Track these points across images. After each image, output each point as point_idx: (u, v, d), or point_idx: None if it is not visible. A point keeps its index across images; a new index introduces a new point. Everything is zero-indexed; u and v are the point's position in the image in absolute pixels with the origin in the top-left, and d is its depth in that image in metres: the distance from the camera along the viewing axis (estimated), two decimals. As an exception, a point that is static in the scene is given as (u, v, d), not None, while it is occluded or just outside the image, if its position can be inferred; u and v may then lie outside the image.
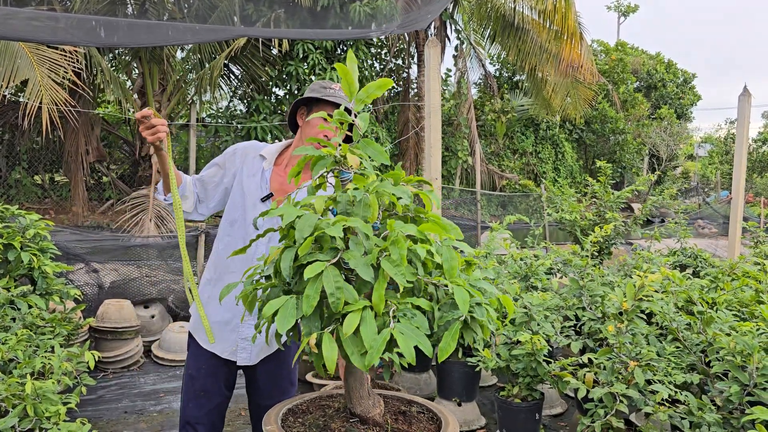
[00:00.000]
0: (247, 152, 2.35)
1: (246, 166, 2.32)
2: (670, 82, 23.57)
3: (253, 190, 2.28)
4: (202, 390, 2.34)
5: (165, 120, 2.07)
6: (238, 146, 2.39)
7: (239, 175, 2.32)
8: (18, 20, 5.06)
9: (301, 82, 11.94)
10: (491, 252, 5.15)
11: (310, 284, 1.39)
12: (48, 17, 5.87)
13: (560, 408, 4.35)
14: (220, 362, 2.33)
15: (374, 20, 9.97)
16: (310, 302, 1.38)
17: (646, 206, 6.54)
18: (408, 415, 1.76)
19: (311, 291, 1.38)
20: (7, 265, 3.75)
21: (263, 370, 2.37)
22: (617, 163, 19.67)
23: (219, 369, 2.33)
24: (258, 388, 2.41)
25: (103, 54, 11.14)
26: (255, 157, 2.34)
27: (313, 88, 2.31)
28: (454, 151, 15.49)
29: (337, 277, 1.38)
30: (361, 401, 1.66)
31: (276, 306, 1.41)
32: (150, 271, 5.85)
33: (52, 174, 13.16)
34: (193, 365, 2.36)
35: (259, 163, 2.33)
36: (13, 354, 2.87)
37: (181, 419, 2.39)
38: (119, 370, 4.97)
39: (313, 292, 1.38)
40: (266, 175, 2.29)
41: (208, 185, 2.35)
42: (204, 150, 14.00)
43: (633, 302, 3.13)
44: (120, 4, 10.63)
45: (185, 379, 2.40)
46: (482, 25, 14.72)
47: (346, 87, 1.56)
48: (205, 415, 2.35)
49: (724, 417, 2.62)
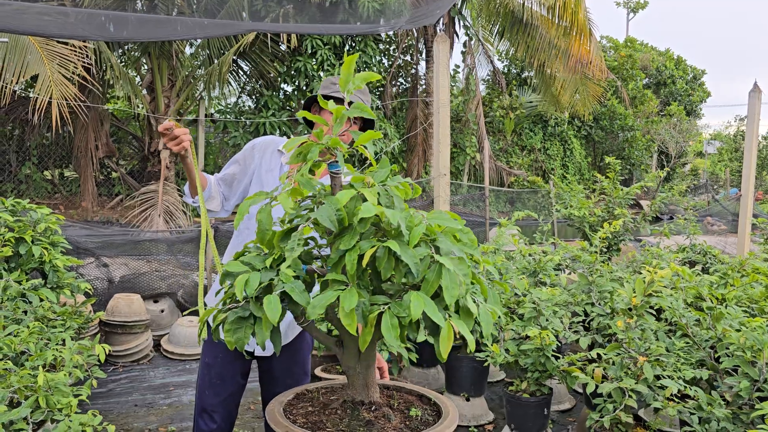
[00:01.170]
0: (266, 147, 2.38)
1: (264, 161, 2.35)
2: (679, 78, 23.40)
3: (271, 184, 2.30)
4: (219, 378, 2.38)
5: (187, 129, 2.11)
6: (256, 141, 2.42)
7: (258, 170, 2.35)
8: (29, 15, 5.10)
9: (309, 78, 11.94)
10: (500, 248, 5.14)
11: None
12: (58, 12, 5.91)
13: (568, 404, 4.35)
14: (237, 351, 2.34)
15: (383, 16, 9.95)
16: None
17: (655, 203, 6.51)
18: (409, 403, 1.77)
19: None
20: (19, 259, 3.78)
21: (279, 360, 2.39)
22: (626, 160, 19.56)
23: (236, 358, 2.37)
24: (273, 377, 2.44)
25: (113, 50, 11.19)
26: (273, 152, 2.37)
27: (324, 85, 2.35)
28: (462, 148, 15.45)
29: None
30: (358, 389, 1.67)
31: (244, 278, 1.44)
32: (159, 266, 5.88)
33: (62, 169, 13.23)
34: (209, 353, 2.40)
35: (278, 158, 2.36)
36: (25, 346, 2.90)
37: (197, 407, 2.42)
38: (129, 363, 5.01)
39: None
40: (285, 169, 2.32)
41: (231, 183, 2.39)
42: (213, 146, 14.04)
43: (642, 298, 3.12)
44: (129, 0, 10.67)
45: (201, 367, 2.43)
46: (491, 21, 14.67)
47: (343, 79, 1.58)
48: (221, 402, 2.39)
49: (733, 412, 2.62)
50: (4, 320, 3.16)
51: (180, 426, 3.91)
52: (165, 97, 11.68)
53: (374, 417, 1.64)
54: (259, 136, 2.57)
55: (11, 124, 12.07)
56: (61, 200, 12.53)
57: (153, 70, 11.56)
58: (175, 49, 11.57)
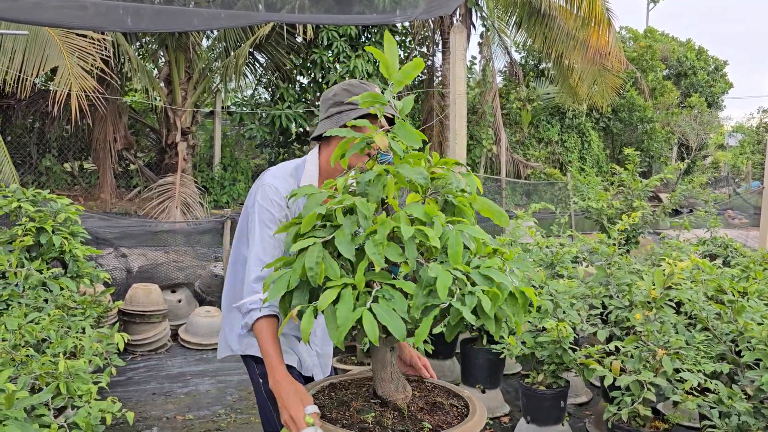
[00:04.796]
0: (280, 193, 1.98)
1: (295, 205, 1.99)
2: (700, 69, 23.02)
3: None
4: None
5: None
6: (270, 196, 1.98)
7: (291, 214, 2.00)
8: (47, 7, 5.15)
9: (325, 69, 11.93)
10: (516, 240, 5.11)
11: (298, 259, 1.44)
12: (77, 5, 5.96)
13: (585, 397, 4.32)
14: (295, 373, 2.12)
15: (398, 6, 9.90)
16: (294, 275, 1.43)
17: (675, 195, 6.42)
18: (437, 405, 1.74)
19: (297, 265, 1.43)
20: (40, 248, 3.83)
21: None
22: (645, 152, 19.31)
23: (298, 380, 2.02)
24: None
25: (131, 42, 11.26)
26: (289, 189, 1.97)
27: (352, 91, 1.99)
28: (479, 140, 15.36)
29: (321, 253, 1.41)
30: (382, 384, 1.66)
31: (271, 279, 1.48)
32: (177, 257, 5.93)
33: (82, 161, 13.38)
34: None
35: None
36: (46, 334, 2.94)
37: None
38: (147, 352, 5.06)
39: (299, 267, 1.43)
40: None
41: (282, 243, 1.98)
42: (229, 138, 14.10)
43: (662, 290, 3.08)
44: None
45: (268, 395, 2.03)
46: (508, 12, 14.53)
47: (384, 69, 1.57)
48: None
49: (755, 406, 2.58)
50: (26, 308, 3.21)
51: (197, 414, 3.94)
52: (182, 90, 11.75)
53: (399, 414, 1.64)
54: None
55: (32, 116, 12.22)
56: (80, 192, 12.67)
57: (170, 62, 11.63)
58: (192, 41, 11.62)
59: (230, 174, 12.98)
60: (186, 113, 11.73)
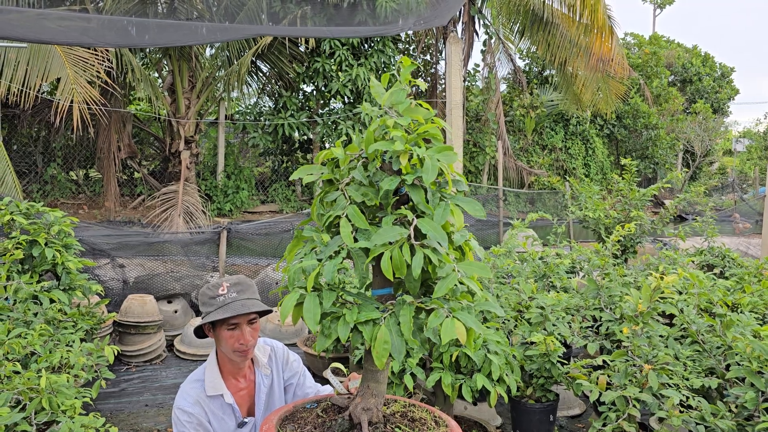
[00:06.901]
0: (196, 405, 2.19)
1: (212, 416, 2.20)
2: (706, 75, 22.90)
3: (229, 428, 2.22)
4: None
5: None
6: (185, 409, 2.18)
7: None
8: (50, 20, 5.20)
9: (328, 78, 11.97)
10: (511, 250, 5.10)
11: None
12: (79, 17, 6.02)
13: (578, 409, 4.29)
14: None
15: (401, 16, 9.93)
16: None
17: (673, 204, 6.39)
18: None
19: None
20: (32, 261, 3.86)
21: None
22: (650, 159, 19.22)
23: None
24: None
25: (134, 52, 11.35)
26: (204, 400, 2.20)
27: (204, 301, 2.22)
28: (482, 147, 15.35)
29: None
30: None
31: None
32: (174, 267, 5.95)
33: (86, 170, 13.46)
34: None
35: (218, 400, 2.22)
36: (32, 348, 2.95)
37: None
38: (142, 363, 5.08)
39: None
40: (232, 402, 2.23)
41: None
42: (232, 146, 14.15)
43: (649, 304, 3.06)
44: (150, 4, 10.81)
45: None
46: (511, 20, 14.54)
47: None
48: None
49: (738, 423, 2.56)
50: (14, 322, 3.23)
51: (189, 427, 3.95)
52: (185, 99, 11.82)
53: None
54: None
55: (37, 126, 12.32)
56: (85, 200, 12.75)
57: (173, 71, 11.71)
58: (195, 51, 11.69)
59: (234, 182, 13.02)
60: (189, 122, 11.79)
